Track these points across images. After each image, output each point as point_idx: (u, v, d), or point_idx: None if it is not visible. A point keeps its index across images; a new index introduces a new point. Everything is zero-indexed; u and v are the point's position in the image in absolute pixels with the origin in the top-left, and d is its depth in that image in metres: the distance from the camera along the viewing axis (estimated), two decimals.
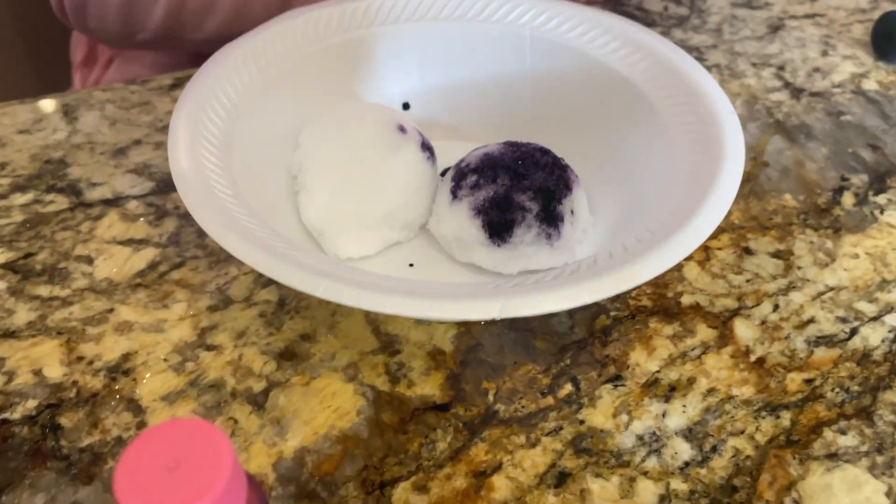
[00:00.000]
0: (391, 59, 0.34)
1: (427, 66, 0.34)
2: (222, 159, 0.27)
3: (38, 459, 0.24)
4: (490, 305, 0.21)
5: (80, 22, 0.43)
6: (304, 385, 0.26)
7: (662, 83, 0.30)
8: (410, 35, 0.34)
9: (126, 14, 0.42)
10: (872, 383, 0.26)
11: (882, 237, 0.32)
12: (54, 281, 0.29)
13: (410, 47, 0.34)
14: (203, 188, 0.24)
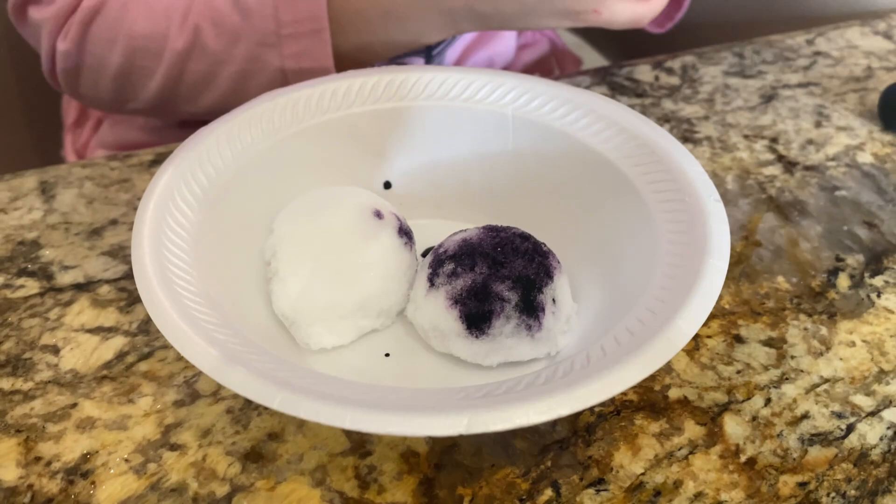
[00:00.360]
0: (372, 139, 0.34)
1: (409, 146, 0.34)
2: (190, 250, 0.26)
3: None
4: (457, 421, 0.20)
5: (72, 88, 0.43)
6: (268, 490, 0.25)
7: (647, 167, 0.29)
8: (391, 116, 0.33)
9: (121, 84, 0.42)
10: (871, 487, 0.25)
11: (879, 323, 0.31)
12: (17, 373, 0.28)
13: (391, 128, 0.34)
14: (162, 282, 0.24)
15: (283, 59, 0.39)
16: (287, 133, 0.32)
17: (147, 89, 0.42)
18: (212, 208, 0.28)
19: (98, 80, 0.42)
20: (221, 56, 0.40)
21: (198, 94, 0.41)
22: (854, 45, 0.50)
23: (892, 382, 0.28)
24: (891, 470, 0.26)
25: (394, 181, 0.34)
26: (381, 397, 0.21)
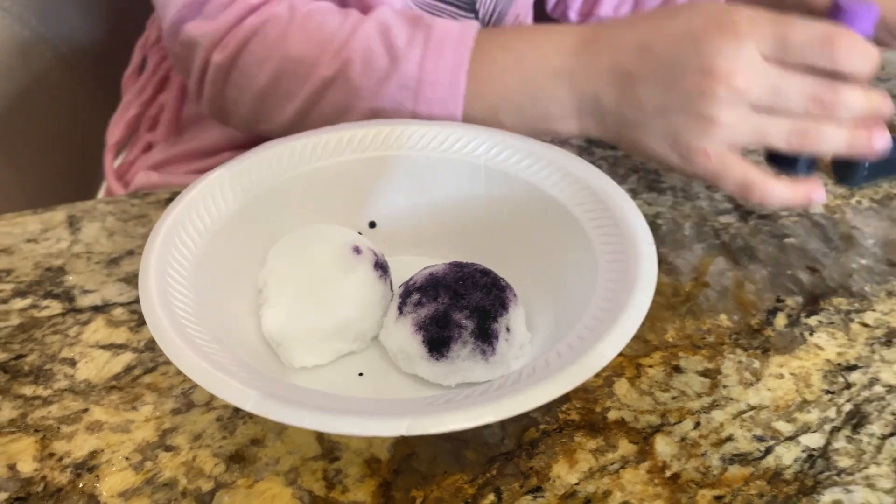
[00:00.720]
0: (359, 183, 0.38)
1: (392, 190, 0.38)
2: (191, 278, 0.30)
3: None
4: (398, 424, 0.24)
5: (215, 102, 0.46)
6: (247, 487, 0.28)
7: (596, 214, 0.33)
8: (377, 163, 0.38)
9: (261, 104, 0.44)
10: (780, 501, 0.28)
11: (808, 358, 0.34)
12: (38, 381, 0.33)
13: (377, 174, 0.38)
14: (163, 307, 0.28)
15: (416, 103, 0.41)
16: (284, 177, 0.36)
17: (283, 112, 0.44)
18: (212, 242, 0.33)
19: (241, 96, 0.44)
20: (362, 91, 0.42)
21: (324, 124, 0.42)
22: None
23: (812, 411, 0.32)
24: (800, 488, 0.29)
25: (378, 221, 0.39)
26: (342, 404, 0.25)
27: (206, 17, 0.44)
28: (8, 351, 0.34)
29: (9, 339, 0.35)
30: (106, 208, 0.43)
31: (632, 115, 0.38)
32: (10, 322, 0.35)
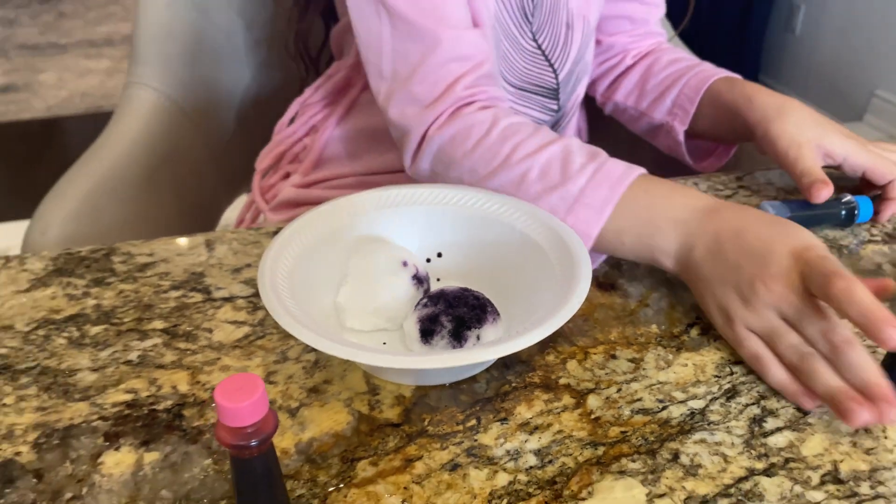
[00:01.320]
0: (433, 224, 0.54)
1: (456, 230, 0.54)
2: (288, 277, 0.48)
3: (170, 430, 0.44)
4: (409, 359, 0.40)
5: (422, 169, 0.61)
6: (319, 407, 0.45)
7: (560, 254, 0.49)
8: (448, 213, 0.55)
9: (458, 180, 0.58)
10: (663, 437, 0.43)
11: (708, 355, 0.49)
12: (189, 340, 0.50)
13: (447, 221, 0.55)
14: (272, 292, 0.45)
15: (567, 215, 0.52)
16: (371, 215, 0.54)
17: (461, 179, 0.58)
18: (309, 257, 0.50)
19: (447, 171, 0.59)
20: (531, 193, 0.54)
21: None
22: (771, 182, 0.69)
23: (701, 387, 0.46)
24: (679, 430, 0.43)
25: (444, 253, 0.55)
26: (373, 349, 0.42)
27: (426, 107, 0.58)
28: (169, 322, 0.52)
29: (169, 315, 0.53)
30: (231, 236, 0.61)
31: (706, 272, 0.49)
32: (170, 305, 0.53)
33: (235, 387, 0.32)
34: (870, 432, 0.43)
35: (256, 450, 0.33)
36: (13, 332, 0.51)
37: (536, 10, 0.67)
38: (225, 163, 0.88)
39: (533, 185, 0.54)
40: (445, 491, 0.40)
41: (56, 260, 0.58)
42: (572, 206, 0.53)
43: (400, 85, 0.59)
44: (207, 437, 0.43)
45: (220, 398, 0.32)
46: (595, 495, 0.39)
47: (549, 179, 0.54)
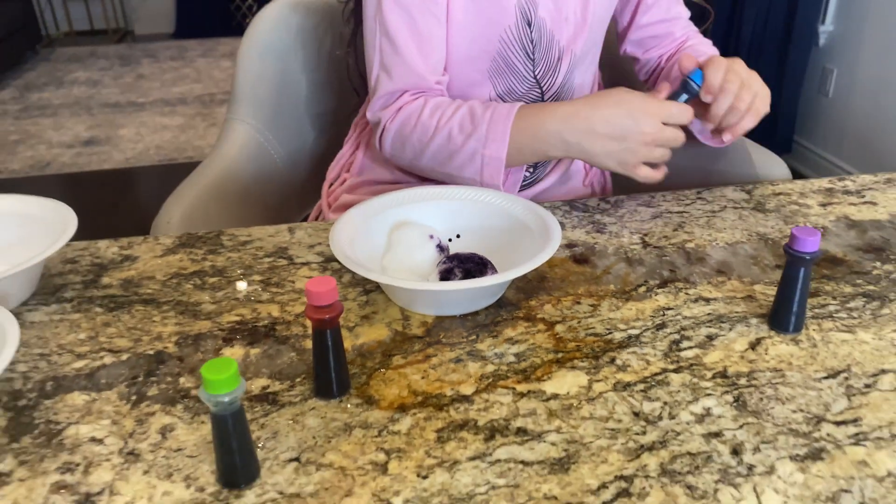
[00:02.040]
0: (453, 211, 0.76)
1: (452, 220, 0.76)
2: (351, 237, 0.69)
3: (266, 337, 0.65)
4: (418, 285, 0.61)
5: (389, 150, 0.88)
6: (368, 326, 0.66)
7: (540, 227, 0.70)
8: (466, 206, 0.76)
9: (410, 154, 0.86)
10: (606, 350, 0.62)
11: (649, 304, 0.68)
12: (278, 287, 0.72)
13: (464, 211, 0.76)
14: (340, 251, 0.67)
15: (484, 149, 0.80)
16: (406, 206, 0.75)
17: (420, 158, 0.86)
18: (363, 231, 0.72)
19: (401, 150, 0.87)
20: (458, 144, 0.81)
21: (438, 162, 0.85)
22: (732, 199, 0.88)
23: (638, 322, 0.65)
24: (619, 346, 0.62)
25: (462, 234, 0.76)
26: (403, 280, 0.63)
27: (383, 108, 0.87)
28: (263, 276, 0.74)
29: (264, 272, 0.75)
30: (306, 225, 0.84)
31: (594, 151, 0.80)
32: (264, 266, 0.76)
33: (318, 282, 0.54)
34: (755, 349, 0.62)
35: (329, 323, 0.54)
36: (155, 280, 0.74)
37: (536, 50, 0.89)
38: (299, 178, 1.12)
39: (456, 137, 0.82)
40: (451, 374, 0.60)
41: (180, 238, 0.81)
42: (485, 144, 0.81)
43: (372, 98, 0.87)
44: (292, 341, 0.64)
45: (309, 286, 0.53)
46: (552, 379, 0.59)
47: (465, 130, 0.82)
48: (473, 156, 0.81)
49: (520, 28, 0.87)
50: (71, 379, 0.60)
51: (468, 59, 0.87)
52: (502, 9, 0.85)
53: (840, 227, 0.81)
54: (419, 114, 0.84)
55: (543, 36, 0.88)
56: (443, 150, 0.83)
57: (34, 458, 0.52)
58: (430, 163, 0.85)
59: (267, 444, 0.53)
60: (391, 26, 0.84)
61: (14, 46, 4.92)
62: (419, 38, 0.84)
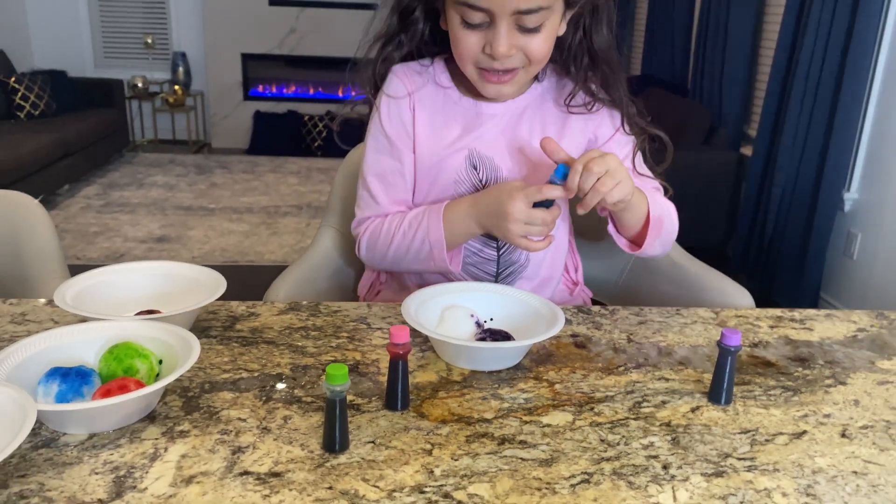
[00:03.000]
0: (477, 301, 1.08)
1: (487, 307, 1.08)
2: (415, 311, 1.01)
3: (357, 372, 0.96)
4: (458, 342, 0.92)
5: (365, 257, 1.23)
6: (422, 372, 0.96)
7: (549, 313, 1.01)
8: (481, 295, 1.08)
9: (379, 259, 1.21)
10: (586, 401, 0.91)
11: (624, 377, 0.97)
12: (359, 342, 1.03)
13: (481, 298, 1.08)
14: (412, 318, 0.99)
15: (428, 236, 1.12)
16: (454, 293, 1.07)
17: (385, 258, 1.21)
18: (425, 308, 1.03)
19: (372, 257, 1.23)
20: (410, 238, 1.14)
21: (402, 261, 1.19)
22: (702, 317, 1.18)
23: (614, 388, 0.94)
24: (596, 400, 0.91)
25: (494, 318, 1.08)
26: (450, 337, 0.94)
27: (357, 226, 1.22)
28: (349, 334, 1.05)
29: (349, 331, 1.06)
30: (380, 304, 1.16)
31: (492, 228, 1.09)
32: (350, 327, 1.07)
33: (398, 329, 0.86)
34: (694, 412, 0.90)
35: (402, 356, 0.86)
36: (273, 330, 1.06)
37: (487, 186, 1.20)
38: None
39: (408, 233, 1.16)
40: (478, 405, 0.89)
41: (290, 304, 1.14)
42: (429, 231, 1.13)
43: (353, 220, 1.25)
44: (369, 375, 0.94)
45: (392, 330, 0.85)
46: (548, 415, 0.88)
47: (413, 227, 1.15)
48: (423, 243, 1.13)
49: (468, 171, 1.19)
50: (221, 383, 0.92)
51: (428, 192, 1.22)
52: (454, 156, 1.19)
53: (779, 343, 1.10)
54: (381, 226, 1.19)
55: (490, 176, 1.19)
56: (401, 246, 1.16)
57: (202, 425, 0.83)
58: (394, 257, 1.18)
59: (353, 432, 0.83)
60: (367, 173, 1.22)
61: (103, 149, 5.54)
62: (385, 182, 1.21)
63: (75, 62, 6.34)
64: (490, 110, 1.20)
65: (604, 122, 1.23)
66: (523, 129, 1.20)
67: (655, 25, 5.19)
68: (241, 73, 6.41)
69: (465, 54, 1.10)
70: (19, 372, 0.82)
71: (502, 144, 1.19)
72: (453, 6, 1.08)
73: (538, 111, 1.21)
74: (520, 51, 1.08)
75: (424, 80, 1.20)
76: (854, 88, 3.14)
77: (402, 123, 1.20)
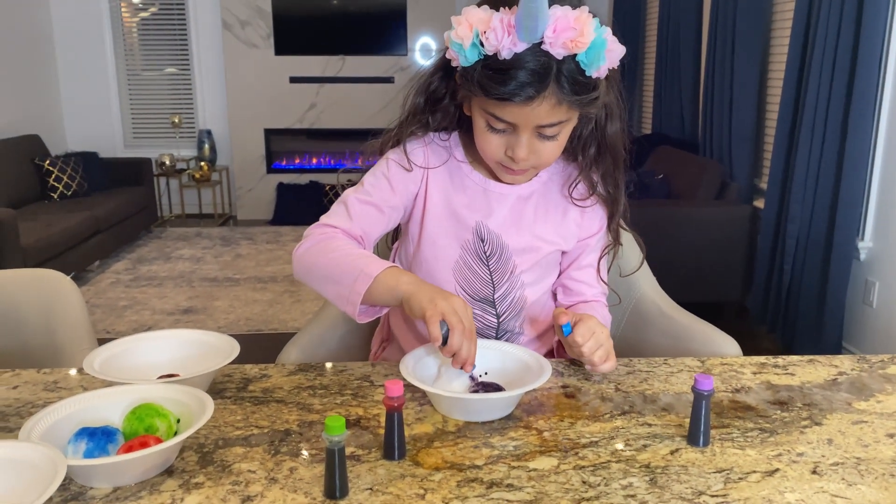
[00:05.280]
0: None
1: (481, 361, 1.16)
2: (412, 368, 1.10)
3: (358, 426, 1.04)
4: (452, 395, 1.00)
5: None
6: (419, 424, 1.04)
7: (538, 366, 1.09)
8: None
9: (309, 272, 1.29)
10: (573, 446, 0.98)
11: (609, 423, 1.04)
12: (363, 398, 1.12)
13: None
14: (408, 374, 1.07)
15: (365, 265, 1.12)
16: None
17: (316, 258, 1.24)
18: (422, 364, 1.12)
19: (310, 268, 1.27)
20: (349, 258, 1.16)
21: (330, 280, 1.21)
22: (688, 366, 1.25)
23: (599, 434, 1.01)
24: (581, 445, 0.98)
25: (489, 372, 1.16)
26: (445, 391, 1.02)
27: (316, 227, 1.23)
28: (353, 391, 1.14)
29: (354, 389, 1.15)
30: (383, 363, 1.24)
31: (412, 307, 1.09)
32: (354, 384, 1.16)
33: (393, 383, 0.94)
34: (673, 454, 0.97)
35: (397, 409, 0.94)
36: (283, 389, 1.15)
37: (491, 258, 1.31)
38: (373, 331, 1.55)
39: (351, 256, 1.16)
40: (470, 453, 0.97)
41: (299, 366, 1.23)
42: (364, 267, 1.13)
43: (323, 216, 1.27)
44: (370, 429, 1.02)
45: (387, 384, 0.94)
46: (534, 461, 0.95)
47: (358, 255, 1.17)
48: (356, 270, 1.13)
49: (475, 242, 1.29)
50: (233, 439, 1.00)
51: (435, 259, 1.29)
52: (463, 226, 1.28)
53: (761, 388, 1.16)
54: (336, 238, 1.20)
55: (496, 251, 1.29)
56: (338, 260, 1.16)
57: (215, 476, 0.91)
58: (323, 264, 1.17)
59: (353, 480, 0.91)
60: (354, 193, 1.26)
61: (133, 225, 5.75)
62: (366, 208, 1.25)
63: (106, 143, 6.63)
64: (499, 189, 1.30)
65: (595, 217, 1.35)
66: (528, 212, 1.31)
67: (663, 84, 5.34)
68: (264, 147, 6.65)
69: (488, 154, 1.21)
70: (52, 432, 0.91)
71: (509, 224, 1.30)
72: (480, 111, 1.17)
73: (543, 197, 1.32)
74: (536, 153, 1.19)
75: (444, 158, 1.31)
76: (859, 138, 3.21)
77: (406, 186, 1.29)
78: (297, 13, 6.40)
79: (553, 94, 1.10)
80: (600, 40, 1.07)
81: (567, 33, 1.05)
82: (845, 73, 3.24)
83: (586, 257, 1.36)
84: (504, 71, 1.08)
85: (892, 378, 1.20)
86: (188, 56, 6.71)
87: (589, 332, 1.14)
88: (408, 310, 1.10)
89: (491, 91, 1.10)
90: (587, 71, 1.09)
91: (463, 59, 1.11)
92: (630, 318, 1.52)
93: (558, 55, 1.07)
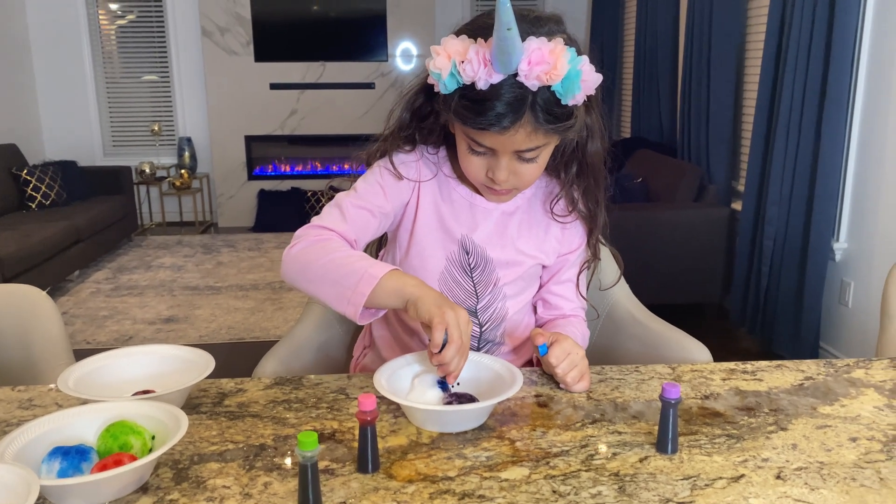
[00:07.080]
0: None
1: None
2: (388, 378, 1.11)
3: (332, 438, 1.05)
4: (426, 407, 1.02)
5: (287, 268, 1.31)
6: (393, 435, 1.05)
7: (510, 377, 1.11)
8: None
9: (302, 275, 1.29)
10: (543, 456, 1.00)
11: (580, 432, 1.06)
12: (337, 411, 1.13)
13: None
14: (382, 385, 1.09)
15: (368, 265, 1.11)
16: (424, 363, 1.18)
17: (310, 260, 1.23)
18: (396, 375, 1.13)
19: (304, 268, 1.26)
20: (342, 273, 1.13)
21: (327, 283, 1.21)
22: (659, 373, 1.27)
23: (570, 443, 1.03)
24: (552, 454, 1.00)
25: (461, 382, 1.18)
26: (418, 403, 1.04)
27: (309, 228, 1.22)
28: (329, 404, 1.15)
29: (329, 402, 1.16)
30: (359, 374, 1.25)
31: (419, 309, 1.09)
32: (330, 397, 1.17)
33: (365, 397, 0.96)
34: (642, 462, 0.99)
35: (370, 422, 0.95)
36: (258, 403, 1.16)
37: (475, 270, 1.33)
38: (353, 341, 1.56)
39: (352, 257, 1.15)
40: (443, 465, 0.98)
41: (275, 379, 1.24)
42: (367, 268, 1.12)
43: (315, 217, 1.26)
44: (345, 442, 1.04)
45: (360, 398, 0.95)
46: (506, 471, 0.97)
47: (358, 256, 1.16)
48: (359, 270, 1.11)
49: (460, 254, 1.31)
50: (208, 455, 1.01)
51: (423, 268, 1.31)
52: (449, 238, 1.31)
53: (730, 394, 1.19)
54: (332, 240, 1.19)
55: (480, 263, 1.32)
56: (338, 261, 1.14)
57: (189, 493, 0.92)
58: (320, 266, 1.15)
59: (327, 494, 0.92)
60: (348, 197, 1.26)
61: (113, 234, 5.72)
62: (360, 211, 1.25)
63: (85, 152, 6.60)
64: (484, 204, 1.33)
65: (575, 233, 1.39)
66: (512, 227, 1.35)
67: (642, 88, 5.39)
68: (244, 154, 6.64)
69: (471, 174, 1.25)
70: (26, 451, 0.92)
71: (493, 238, 1.34)
72: (461, 134, 1.20)
73: (527, 213, 1.36)
74: (516, 175, 1.21)
75: (433, 172, 1.33)
76: (833, 141, 3.26)
77: (398, 195, 1.31)
78: (276, 20, 6.40)
79: (529, 123, 1.12)
80: (575, 71, 1.08)
81: (541, 66, 1.07)
82: (818, 76, 3.29)
83: (566, 272, 1.39)
84: (481, 101, 1.10)
85: (856, 382, 1.23)
86: (167, 63, 6.70)
87: (564, 353, 1.17)
88: (412, 311, 1.10)
89: (468, 121, 1.13)
90: (563, 100, 1.11)
91: (442, 87, 1.13)
92: (604, 325, 1.54)
93: (533, 87, 1.09)
